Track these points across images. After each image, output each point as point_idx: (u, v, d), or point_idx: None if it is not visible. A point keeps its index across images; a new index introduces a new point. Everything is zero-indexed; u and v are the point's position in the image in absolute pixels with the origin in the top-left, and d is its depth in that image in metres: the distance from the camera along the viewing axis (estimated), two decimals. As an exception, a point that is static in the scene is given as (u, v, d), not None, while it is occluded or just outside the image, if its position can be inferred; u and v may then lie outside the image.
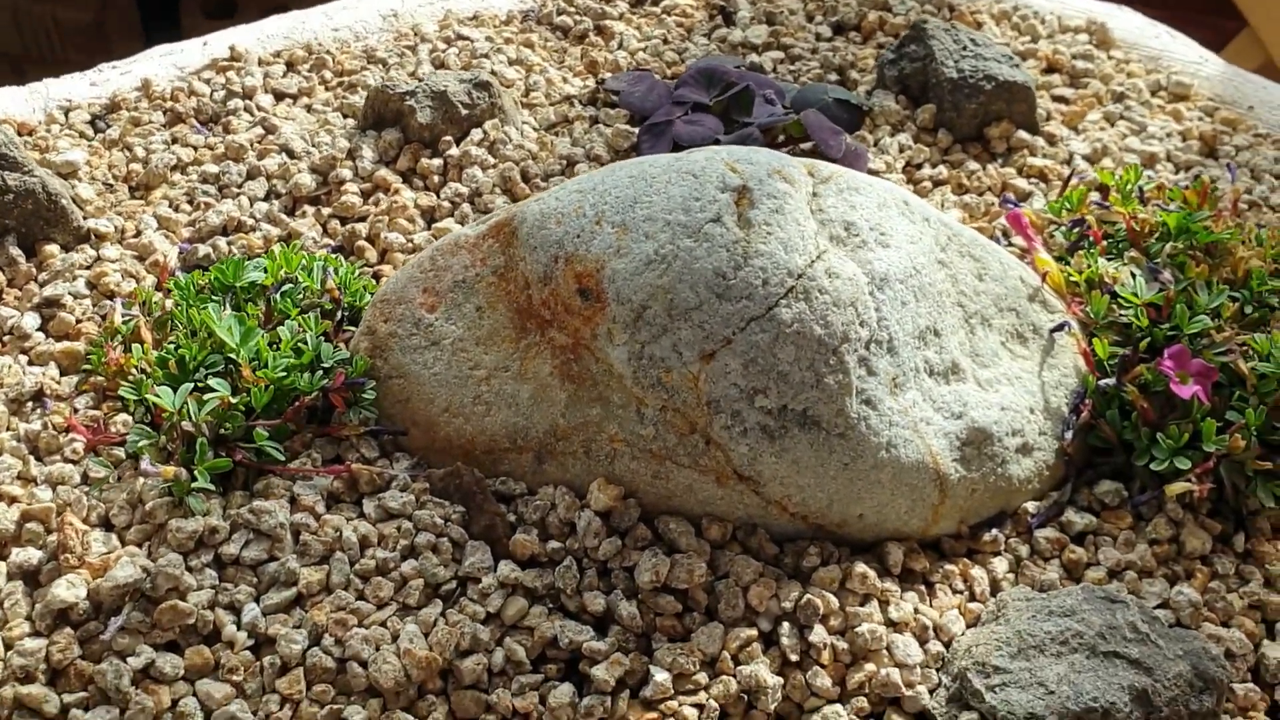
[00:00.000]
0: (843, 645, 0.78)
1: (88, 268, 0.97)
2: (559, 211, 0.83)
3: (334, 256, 0.95)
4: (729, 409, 0.79)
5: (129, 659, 0.74)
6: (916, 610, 0.81)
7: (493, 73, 1.17)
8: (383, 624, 0.77)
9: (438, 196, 1.04)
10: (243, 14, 1.27)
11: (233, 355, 0.85)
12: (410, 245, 0.99)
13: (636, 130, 1.09)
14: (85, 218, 1.01)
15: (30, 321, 0.92)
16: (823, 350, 0.79)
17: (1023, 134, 1.15)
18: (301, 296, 0.91)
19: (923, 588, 0.83)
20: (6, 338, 0.92)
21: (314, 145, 1.09)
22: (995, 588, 0.84)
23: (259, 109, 1.13)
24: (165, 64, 1.20)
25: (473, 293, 0.86)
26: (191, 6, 2.20)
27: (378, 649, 0.75)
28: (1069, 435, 0.89)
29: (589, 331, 0.81)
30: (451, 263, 0.87)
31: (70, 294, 0.94)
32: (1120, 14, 1.37)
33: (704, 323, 0.78)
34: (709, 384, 0.78)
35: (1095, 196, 1.06)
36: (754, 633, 0.78)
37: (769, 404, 0.79)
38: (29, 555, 0.78)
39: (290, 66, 1.20)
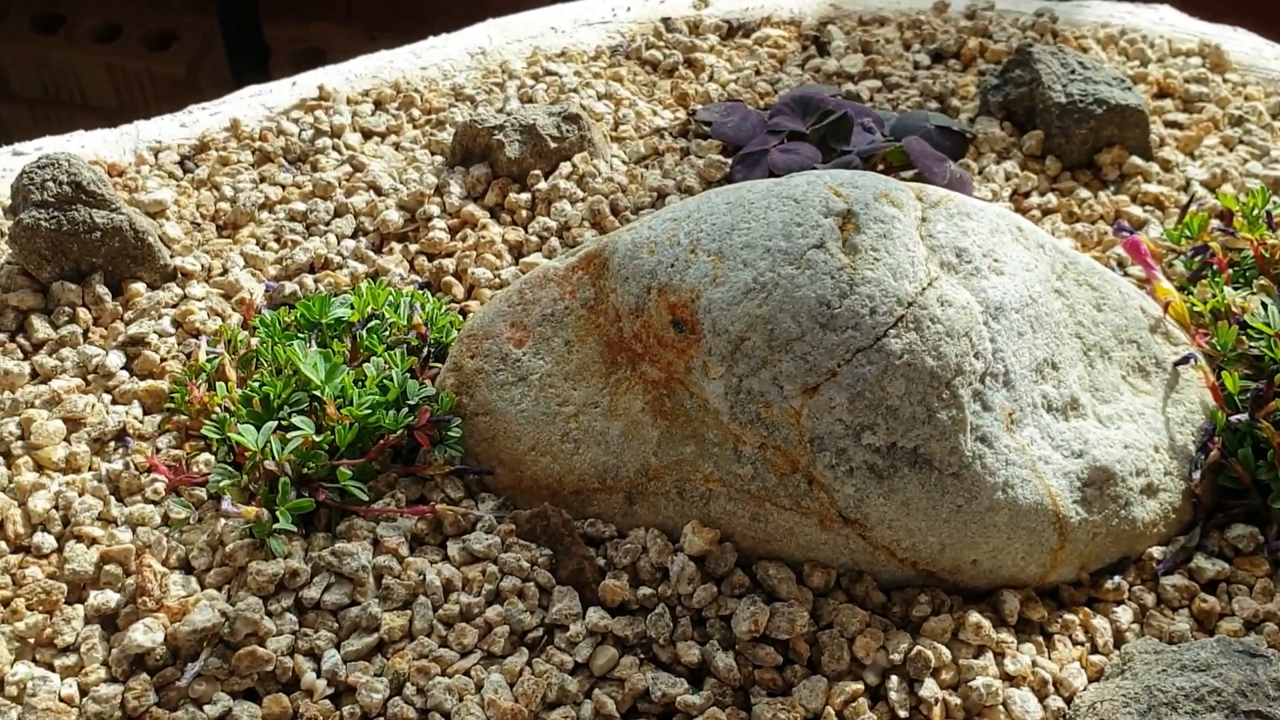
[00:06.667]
0: (955, 700, 0.73)
1: (174, 306, 0.96)
2: (652, 240, 0.80)
3: (420, 292, 0.93)
4: (833, 447, 0.74)
5: (205, 707, 0.71)
6: (1034, 663, 0.75)
7: (581, 107, 1.15)
8: (466, 673, 0.73)
9: (525, 231, 1.01)
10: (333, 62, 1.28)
11: (317, 392, 0.82)
12: (497, 280, 0.97)
13: (729, 161, 1.05)
14: (172, 256, 0.99)
15: (115, 360, 0.91)
16: (935, 383, 0.74)
17: (1136, 160, 1.09)
18: (388, 333, 0.89)
19: (1040, 639, 0.77)
20: (91, 376, 0.90)
21: (401, 182, 1.07)
22: (1119, 639, 0.78)
23: (347, 147, 1.12)
24: (254, 104, 1.19)
25: (562, 326, 0.82)
26: (280, 60, 2.22)
27: (461, 699, 0.72)
28: (1197, 475, 0.83)
29: (683, 365, 0.77)
30: (540, 296, 0.84)
31: (155, 332, 0.93)
32: (1235, 36, 1.31)
33: (807, 354, 0.74)
34: (812, 420, 0.74)
35: (1217, 224, 1.00)
36: (859, 687, 0.73)
37: (877, 441, 0.74)
38: (107, 598, 0.76)
39: (378, 105, 1.18)
